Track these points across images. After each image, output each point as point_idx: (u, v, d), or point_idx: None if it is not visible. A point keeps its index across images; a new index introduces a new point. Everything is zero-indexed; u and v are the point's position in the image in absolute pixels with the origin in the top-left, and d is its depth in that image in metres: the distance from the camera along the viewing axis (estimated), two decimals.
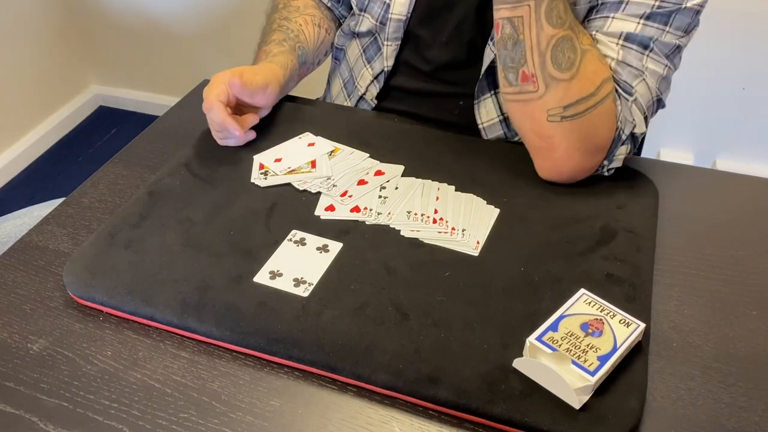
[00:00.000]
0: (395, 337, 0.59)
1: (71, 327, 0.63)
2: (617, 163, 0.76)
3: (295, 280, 0.64)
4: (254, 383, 0.58)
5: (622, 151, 0.75)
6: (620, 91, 0.73)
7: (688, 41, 0.75)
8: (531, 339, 0.56)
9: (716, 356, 0.60)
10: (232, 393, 0.57)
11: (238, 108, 0.83)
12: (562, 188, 0.76)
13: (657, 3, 0.70)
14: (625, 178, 0.77)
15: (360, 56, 0.95)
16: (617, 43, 0.72)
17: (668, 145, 1.85)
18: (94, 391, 0.58)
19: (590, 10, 0.76)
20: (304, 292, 0.63)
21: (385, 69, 0.92)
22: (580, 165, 0.74)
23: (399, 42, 0.90)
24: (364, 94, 0.95)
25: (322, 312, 0.61)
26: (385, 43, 0.90)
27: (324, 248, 0.68)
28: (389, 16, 0.88)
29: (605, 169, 0.76)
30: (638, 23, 0.71)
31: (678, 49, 0.73)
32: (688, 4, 0.71)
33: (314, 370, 0.58)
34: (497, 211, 0.72)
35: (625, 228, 0.70)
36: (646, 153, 0.79)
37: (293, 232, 0.69)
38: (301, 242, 0.68)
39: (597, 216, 0.72)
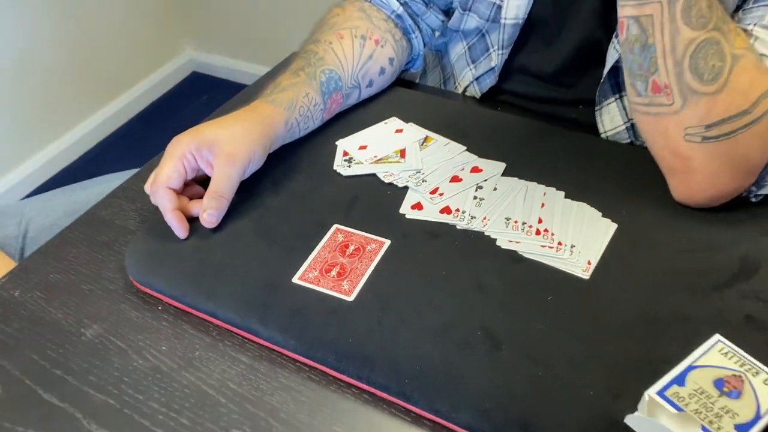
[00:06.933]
0: (483, 368, 0.50)
1: (128, 314, 0.58)
2: (767, 189, 0.63)
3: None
4: (317, 402, 0.51)
5: None
6: None
7: None
8: (651, 392, 0.46)
9: None
10: (291, 411, 0.51)
11: None
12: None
13: None
14: None
15: (464, 54, 0.85)
16: None
17: None
18: (143, 390, 0.52)
19: (744, 1, 0.63)
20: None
21: (496, 69, 0.81)
22: (722, 191, 0.62)
23: (511, 47, 0.78)
24: (464, 92, 0.86)
25: (399, 329, 0.53)
26: (495, 49, 0.80)
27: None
28: (502, 21, 0.76)
29: (752, 195, 0.64)
30: None
31: None
32: None
33: (386, 396, 0.50)
34: (614, 226, 0.61)
35: None
36: None
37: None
38: None
39: (737, 243, 0.60)
